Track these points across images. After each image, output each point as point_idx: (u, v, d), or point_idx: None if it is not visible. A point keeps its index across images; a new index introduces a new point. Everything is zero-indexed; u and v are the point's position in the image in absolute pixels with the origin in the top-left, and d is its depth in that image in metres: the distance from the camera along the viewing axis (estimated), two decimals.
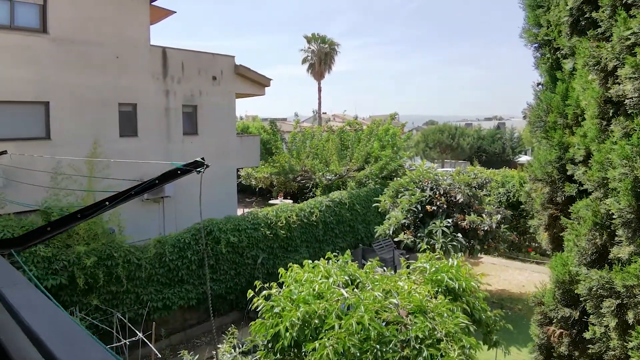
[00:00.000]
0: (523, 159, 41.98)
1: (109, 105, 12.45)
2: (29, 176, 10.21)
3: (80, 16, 11.83)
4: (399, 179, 11.51)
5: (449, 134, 39.96)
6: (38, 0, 11.29)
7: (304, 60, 45.54)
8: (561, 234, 5.29)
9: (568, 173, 5.08)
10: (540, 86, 5.68)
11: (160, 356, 7.25)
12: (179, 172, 1.29)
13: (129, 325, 7.94)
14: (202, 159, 1.31)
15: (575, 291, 4.82)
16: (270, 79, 16.90)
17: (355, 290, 5.21)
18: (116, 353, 8.07)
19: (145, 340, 6.62)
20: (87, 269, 8.73)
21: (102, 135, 12.11)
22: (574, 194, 5.04)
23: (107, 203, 1.23)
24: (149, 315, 9.46)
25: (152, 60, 13.36)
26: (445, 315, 5.17)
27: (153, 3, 13.48)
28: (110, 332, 8.24)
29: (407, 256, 11.54)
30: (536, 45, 5.61)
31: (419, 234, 9.84)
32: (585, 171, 4.72)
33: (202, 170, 1.27)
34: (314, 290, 5.25)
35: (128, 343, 6.96)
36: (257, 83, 16.64)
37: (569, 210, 5.02)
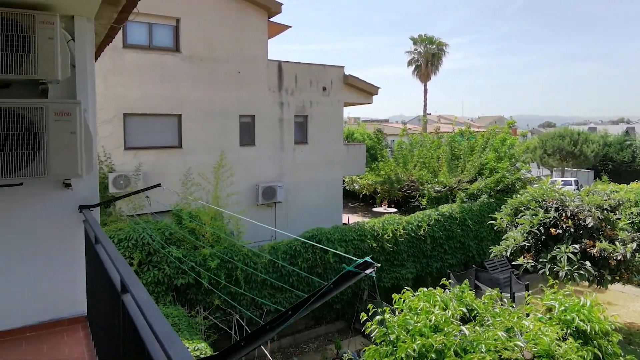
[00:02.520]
0: None
1: (231, 117, 13.49)
2: (163, 181, 11.45)
3: (207, 35, 12.97)
4: (518, 195, 10.76)
5: (570, 140, 35.93)
6: (171, 22, 12.61)
7: (410, 62, 44.45)
8: None
9: None
10: None
11: None
12: (350, 274, 1.36)
13: (246, 327, 8.53)
14: (371, 258, 1.38)
15: None
16: (378, 87, 16.87)
17: (476, 327, 5.00)
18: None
19: (262, 346, 7.06)
20: (211, 271, 9.54)
21: (225, 144, 13.19)
22: None
23: (289, 312, 1.34)
24: (264, 318, 10.05)
25: (269, 74, 14.16)
26: None
27: (271, 19, 14.26)
28: (229, 332, 8.92)
29: (526, 283, 10.77)
30: None
31: (540, 259, 9.11)
32: None
33: (372, 272, 1.33)
34: (430, 321, 5.16)
35: None
36: (365, 92, 16.75)
37: None
